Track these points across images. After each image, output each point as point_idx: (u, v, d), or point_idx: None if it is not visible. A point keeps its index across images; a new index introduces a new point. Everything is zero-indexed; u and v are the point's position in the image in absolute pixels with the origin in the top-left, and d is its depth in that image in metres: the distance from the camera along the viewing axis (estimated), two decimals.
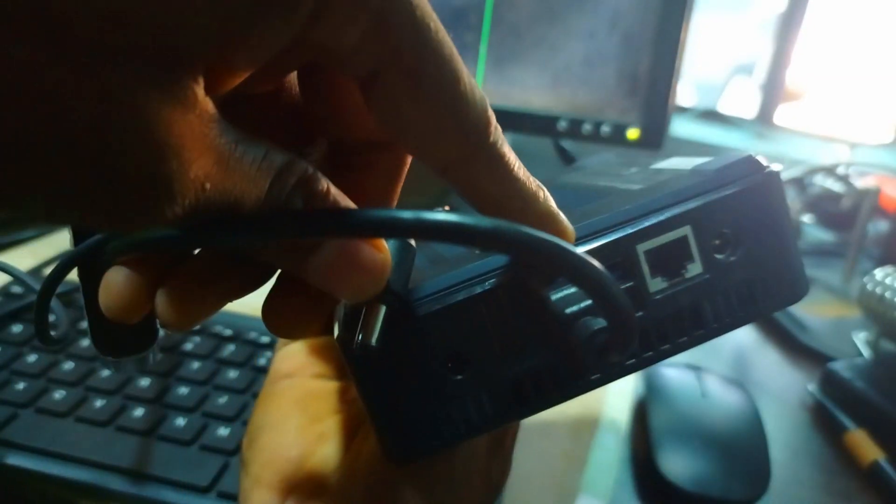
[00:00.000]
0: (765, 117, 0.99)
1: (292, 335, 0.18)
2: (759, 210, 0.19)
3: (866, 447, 0.41)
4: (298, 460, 0.22)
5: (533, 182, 0.17)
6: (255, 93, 0.18)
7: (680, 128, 0.92)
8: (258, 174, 0.13)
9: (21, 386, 0.36)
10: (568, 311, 0.18)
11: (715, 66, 1.08)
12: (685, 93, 0.97)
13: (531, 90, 0.59)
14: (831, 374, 0.46)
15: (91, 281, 0.18)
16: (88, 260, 0.19)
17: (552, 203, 0.18)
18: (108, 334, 0.21)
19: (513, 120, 0.60)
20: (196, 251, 0.17)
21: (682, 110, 0.97)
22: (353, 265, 0.15)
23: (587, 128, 0.59)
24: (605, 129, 0.58)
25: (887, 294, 0.47)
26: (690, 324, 0.19)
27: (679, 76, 0.57)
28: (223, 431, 0.35)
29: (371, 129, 0.19)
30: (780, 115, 0.98)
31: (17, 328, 0.41)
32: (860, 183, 0.65)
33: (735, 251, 0.19)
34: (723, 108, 1.03)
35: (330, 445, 0.23)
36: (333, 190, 0.15)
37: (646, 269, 0.19)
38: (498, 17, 0.57)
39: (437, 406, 0.19)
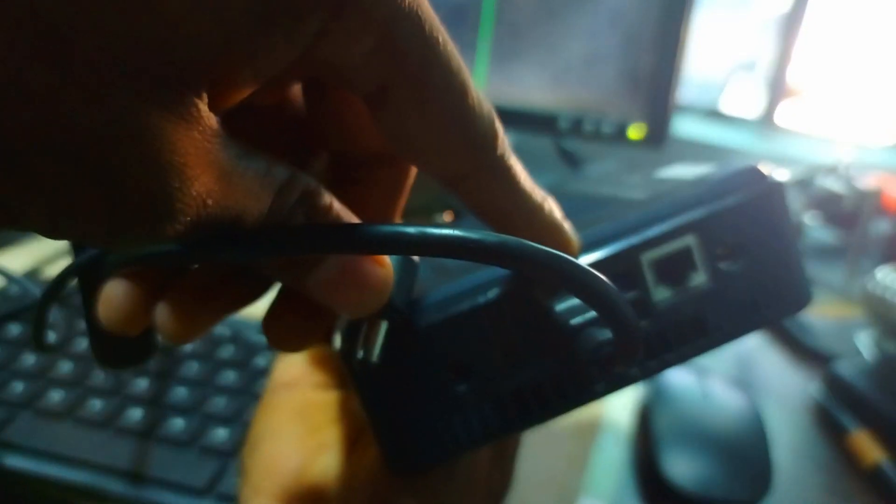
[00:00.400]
0: (767, 117, 0.99)
1: (293, 348, 0.18)
2: (762, 220, 0.19)
3: (869, 448, 0.40)
4: (298, 470, 0.22)
5: (539, 193, 0.17)
6: (257, 105, 0.18)
7: (681, 127, 0.92)
8: (261, 189, 0.13)
9: (19, 387, 0.36)
10: (572, 322, 0.18)
11: (716, 64, 1.08)
12: (686, 91, 0.97)
13: (532, 88, 0.59)
14: (833, 376, 0.46)
15: (91, 292, 0.18)
16: (89, 271, 0.19)
17: (558, 214, 0.17)
18: (107, 345, 0.21)
19: (514, 118, 0.60)
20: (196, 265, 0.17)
21: (684, 109, 0.97)
22: (354, 281, 0.15)
23: (588, 126, 0.59)
24: (607, 127, 0.58)
25: (888, 294, 0.47)
26: (694, 333, 0.19)
27: (680, 75, 0.56)
28: (222, 433, 0.34)
29: (375, 143, 0.18)
30: (783, 115, 0.98)
31: (15, 329, 0.41)
32: (862, 183, 0.64)
33: (739, 260, 0.19)
34: (724, 108, 1.03)
35: (330, 455, 0.23)
36: (336, 204, 0.15)
37: (650, 278, 0.19)
38: (499, 15, 0.57)
39: (440, 417, 0.19)
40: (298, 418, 0.24)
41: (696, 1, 0.54)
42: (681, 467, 0.36)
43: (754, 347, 0.53)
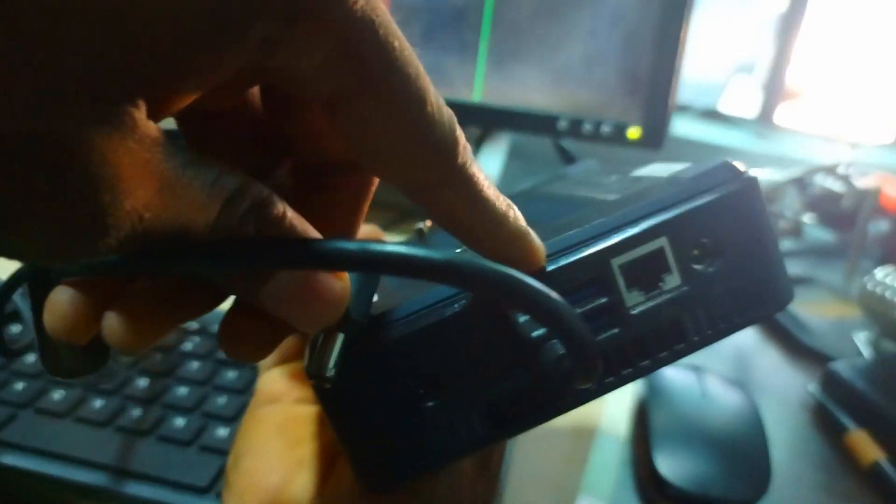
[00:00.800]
0: (765, 117, 0.99)
1: (249, 359, 0.17)
2: (737, 217, 0.19)
3: (867, 448, 0.41)
4: (279, 487, 0.22)
5: (503, 201, 0.17)
6: (215, 109, 0.17)
7: (680, 127, 0.92)
8: (207, 200, 0.13)
9: (20, 386, 0.36)
10: (534, 334, 0.18)
11: (715, 65, 1.08)
12: (685, 92, 0.97)
13: (531, 89, 0.59)
14: (832, 375, 0.46)
15: (39, 300, 0.17)
16: (37, 278, 0.18)
17: (522, 222, 0.17)
18: (57, 354, 0.20)
19: (513, 119, 0.60)
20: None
21: (683, 110, 0.97)
22: (308, 294, 0.14)
23: (587, 127, 0.59)
24: (606, 128, 0.58)
25: (887, 294, 0.47)
26: (671, 338, 0.19)
27: (679, 75, 0.57)
28: (222, 432, 0.35)
29: (336, 150, 0.18)
30: (781, 115, 0.98)
31: (15, 329, 0.41)
32: (861, 183, 0.64)
33: (714, 261, 0.19)
34: (723, 108, 1.03)
35: (310, 471, 0.22)
36: (290, 214, 0.14)
37: (621, 283, 0.18)
38: (499, 16, 0.57)
39: (411, 433, 0.18)
40: (280, 433, 0.24)
41: (695, 2, 0.55)
42: (679, 466, 0.36)
43: (753, 346, 0.53)
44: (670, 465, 0.36)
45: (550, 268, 0.18)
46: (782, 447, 0.41)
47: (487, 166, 0.73)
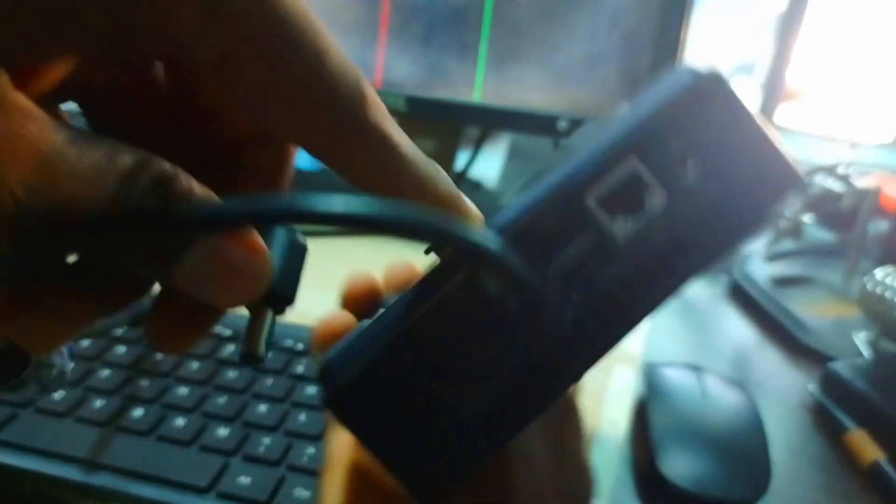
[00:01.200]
0: (766, 116, 0.99)
1: (175, 352, 0.16)
2: (709, 113, 0.17)
3: (866, 447, 0.41)
4: None
5: (428, 163, 0.16)
6: (114, 89, 0.17)
7: None
8: (98, 177, 0.12)
9: None
10: (491, 292, 0.17)
11: (715, 65, 1.08)
12: None
13: (531, 89, 0.59)
14: (832, 374, 0.46)
15: None
16: None
17: (451, 186, 0.16)
18: None
19: (513, 119, 0.60)
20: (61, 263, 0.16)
21: None
22: (223, 269, 0.14)
23: None
24: None
25: (887, 294, 0.47)
26: (677, 258, 0.18)
27: None
28: (223, 432, 0.35)
29: (246, 125, 0.18)
30: (781, 115, 0.98)
31: None
32: (861, 183, 0.64)
33: (699, 165, 0.17)
34: None
35: None
36: (197, 189, 0.13)
37: (602, 216, 0.17)
38: (498, 16, 0.57)
39: (434, 433, 0.18)
40: (358, 471, 0.23)
41: (695, 2, 0.55)
42: (679, 466, 0.36)
43: (753, 346, 0.53)
44: (670, 465, 0.36)
45: (518, 223, 0.17)
46: (782, 447, 0.41)
47: (487, 166, 0.73)
